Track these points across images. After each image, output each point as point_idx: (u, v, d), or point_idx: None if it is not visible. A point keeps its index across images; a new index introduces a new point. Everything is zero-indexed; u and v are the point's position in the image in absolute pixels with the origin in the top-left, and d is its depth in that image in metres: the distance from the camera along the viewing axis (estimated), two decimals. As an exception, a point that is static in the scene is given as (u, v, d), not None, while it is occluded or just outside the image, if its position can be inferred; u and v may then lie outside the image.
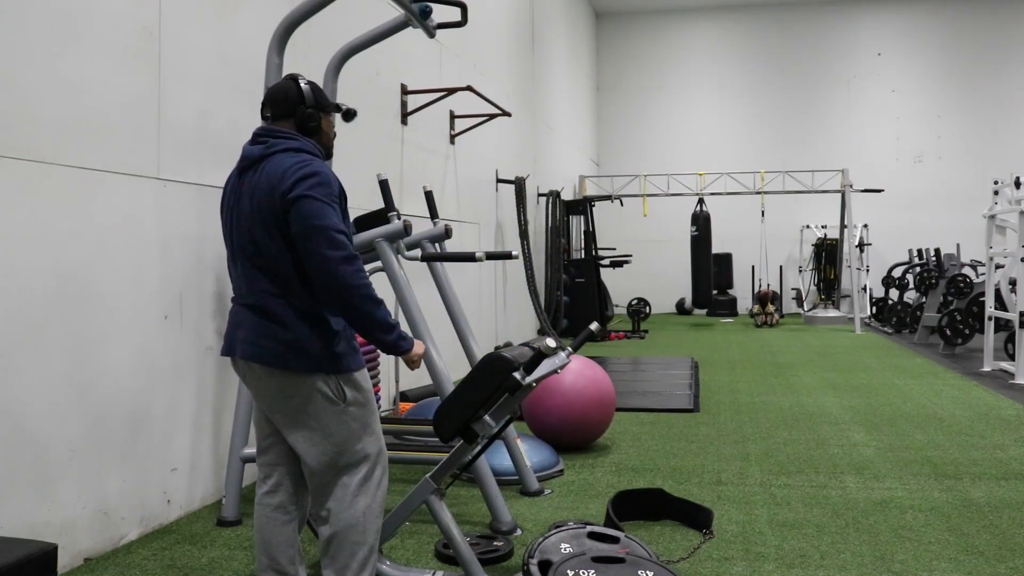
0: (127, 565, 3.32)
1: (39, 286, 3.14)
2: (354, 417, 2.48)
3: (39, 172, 3.15)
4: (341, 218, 2.37)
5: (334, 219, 2.32)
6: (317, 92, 2.56)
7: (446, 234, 4.34)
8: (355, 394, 2.48)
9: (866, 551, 3.36)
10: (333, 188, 2.39)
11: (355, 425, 2.48)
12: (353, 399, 2.47)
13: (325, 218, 2.30)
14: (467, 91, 7.28)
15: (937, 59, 16.28)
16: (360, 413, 2.49)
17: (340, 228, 2.32)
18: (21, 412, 3.06)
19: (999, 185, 8.84)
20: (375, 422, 2.54)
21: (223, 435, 4.17)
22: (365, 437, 2.50)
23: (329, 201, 2.34)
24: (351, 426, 2.47)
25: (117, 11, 3.56)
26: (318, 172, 2.36)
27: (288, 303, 2.40)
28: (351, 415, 2.47)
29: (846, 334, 12.24)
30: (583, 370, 5.04)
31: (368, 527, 2.51)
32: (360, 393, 2.49)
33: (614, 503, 3.61)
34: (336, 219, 2.33)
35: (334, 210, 2.34)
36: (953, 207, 15.82)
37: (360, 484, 2.49)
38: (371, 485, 2.51)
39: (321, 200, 2.32)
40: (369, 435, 2.51)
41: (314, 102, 2.54)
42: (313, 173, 2.35)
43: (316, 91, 2.56)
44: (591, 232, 13.06)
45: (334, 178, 2.42)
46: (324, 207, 2.32)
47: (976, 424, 5.76)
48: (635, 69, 17.22)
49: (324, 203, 2.33)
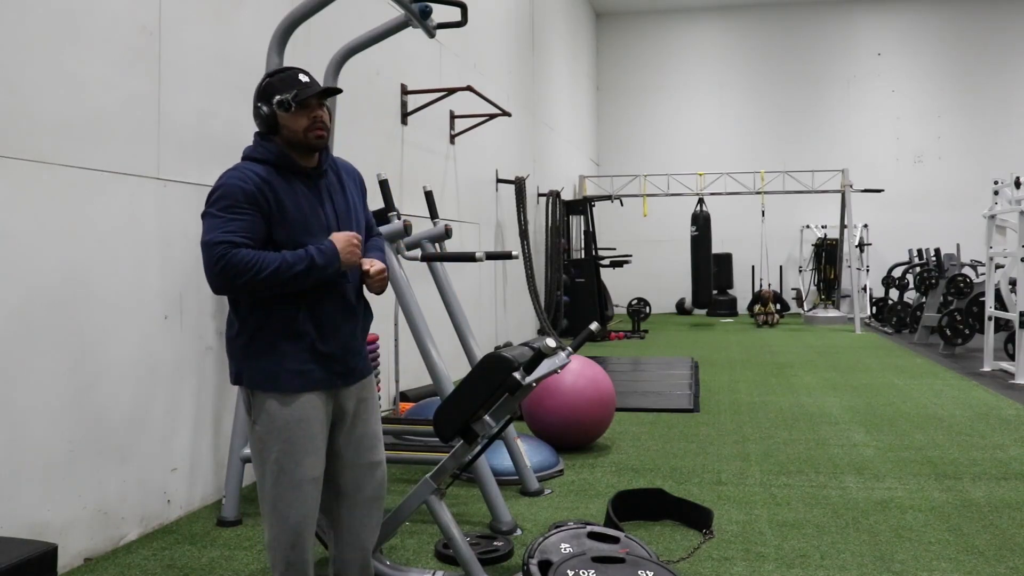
0: (127, 565, 3.32)
1: (39, 286, 3.14)
2: (259, 439, 2.34)
3: (39, 172, 3.15)
4: (231, 218, 2.22)
5: (207, 233, 2.22)
6: (271, 85, 2.36)
7: (446, 234, 4.34)
8: (259, 413, 2.34)
9: (866, 551, 3.36)
10: (227, 191, 2.25)
11: (258, 447, 2.35)
12: (256, 417, 2.35)
13: (204, 234, 2.24)
14: (467, 91, 7.28)
15: (937, 59, 16.28)
16: (263, 435, 2.33)
17: (210, 240, 2.20)
18: (21, 412, 3.06)
19: (999, 185, 8.84)
20: (282, 453, 2.31)
21: (223, 435, 4.17)
22: (265, 464, 2.33)
23: (213, 212, 2.24)
24: (256, 447, 2.36)
25: (117, 11, 3.56)
26: (218, 187, 2.28)
27: (231, 314, 2.40)
28: (256, 436, 2.35)
29: (846, 334, 12.24)
30: (583, 370, 5.03)
31: (276, 552, 2.36)
32: (265, 415, 2.32)
33: (614, 503, 3.61)
34: (211, 229, 2.22)
35: (216, 218, 2.23)
36: (953, 207, 15.82)
37: (264, 512, 2.37)
38: (273, 515, 2.34)
39: (208, 215, 2.26)
40: (270, 463, 2.32)
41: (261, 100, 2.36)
42: (214, 189, 2.29)
43: (271, 84, 2.36)
44: (591, 232, 13.06)
45: (236, 178, 2.27)
46: (207, 221, 2.25)
47: (976, 424, 5.76)
48: (635, 69, 17.22)
49: (209, 216, 2.25)
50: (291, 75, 2.39)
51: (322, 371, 2.36)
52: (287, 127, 2.34)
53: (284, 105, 2.32)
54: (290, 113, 2.33)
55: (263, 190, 2.28)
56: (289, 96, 2.32)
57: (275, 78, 2.38)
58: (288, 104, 2.31)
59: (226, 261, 2.18)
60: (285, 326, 2.32)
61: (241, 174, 2.29)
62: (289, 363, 2.32)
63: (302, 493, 2.33)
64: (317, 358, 2.35)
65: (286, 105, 2.32)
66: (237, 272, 2.19)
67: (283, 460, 2.31)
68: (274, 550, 2.37)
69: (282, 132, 2.36)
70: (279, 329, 2.32)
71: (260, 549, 3.47)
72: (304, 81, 2.36)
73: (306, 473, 2.33)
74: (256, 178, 2.29)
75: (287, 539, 2.34)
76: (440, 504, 2.93)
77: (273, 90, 2.35)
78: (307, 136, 2.35)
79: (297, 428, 2.32)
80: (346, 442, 2.47)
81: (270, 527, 2.36)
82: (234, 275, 2.19)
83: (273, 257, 2.23)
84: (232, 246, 2.19)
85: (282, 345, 2.32)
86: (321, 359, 2.35)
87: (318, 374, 2.35)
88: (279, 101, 2.32)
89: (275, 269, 2.21)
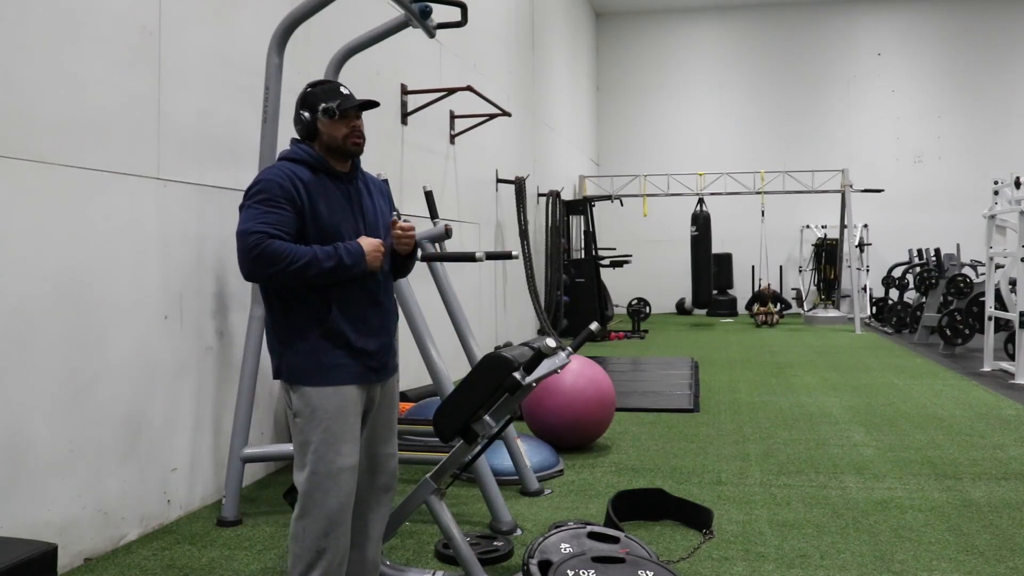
0: (127, 565, 3.32)
1: (39, 286, 3.14)
2: (300, 429, 2.46)
3: (39, 172, 3.15)
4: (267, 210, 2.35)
5: (244, 222, 2.36)
6: (314, 96, 2.53)
7: (446, 234, 4.34)
8: (300, 405, 2.45)
9: (866, 551, 3.36)
10: (265, 186, 2.40)
11: (300, 438, 2.46)
12: (298, 410, 2.46)
13: (240, 224, 2.38)
14: (467, 91, 7.28)
15: (937, 59, 16.28)
16: (304, 426, 2.44)
17: (246, 229, 2.34)
18: (21, 412, 3.06)
19: (999, 185, 8.84)
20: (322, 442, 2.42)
21: (223, 435, 4.17)
22: (306, 455, 2.44)
23: (249, 204, 2.39)
24: (297, 438, 2.47)
25: (117, 11, 3.56)
26: (257, 181, 2.44)
27: (267, 313, 2.54)
28: (297, 427, 2.47)
29: (846, 334, 12.24)
30: (583, 370, 5.03)
31: (305, 542, 2.44)
32: (307, 408, 2.44)
33: (614, 503, 3.61)
34: (248, 219, 2.36)
35: (253, 210, 2.37)
36: (953, 207, 15.82)
37: (300, 497, 2.47)
38: (309, 503, 2.44)
39: (246, 207, 2.40)
40: (309, 453, 2.43)
41: (303, 107, 2.53)
42: (253, 183, 2.45)
43: (314, 94, 2.54)
44: (591, 232, 13.06)
45: (277, 175, 2.42)
46: (245, 212, 2.40)
47: (976, 424, 5.76)
48: (635, 69, 17.22)
49: (247, 208, 2.40)
50: (334, 87, 2.56)
51: (358, 366, 2.50)
52: (328, 133, 2.51)
53: (329, 113, 2.50)
54: (332, 121, 2.50)
55: (298, 188, 2.43)
56: (334, 105, 2.50)
57: (318, 88, 2.56)
58: (333, 112, 2.49)
59: (260, 250, 2.32)
60: (320, 324, 2.45)
61: (279, 172, 2.45)
62: (327, 357, 2.45)
63: (339, 481, 2.44)
64: (353, 354, 2.48)
65: (331, 113, 2.50)
66: (271, 261, 2.32)
67: (322, 449, 2.43)
68: (302, 541, 2.45)
69: (321, 138, 2.52)
70: (314, 326, 2.46)
71: (260, 549, 3.47)
72: (345, 93, 2.55)
73: (344, 462, 2.45)
74: (293, 176, 2.44)
75: (320, 527, 2.43)
76: (440, 504, 2.93)
77: (316, 99, 2.52)
78: (346, 143, 2.53)
79: (336, 417, 2.44)
80: (368, 431, 2.63)
81: (302, 516, 2.45)
82: (267, 263, 2.32)
83: (305, 251, 2.36)
84: (267, 236, 2.33)
85: (319, 340, 2.45)
86: (356, 355, 2.49)
87: (355, 369, 2.49)
88: (324, 109, 2.50)
89: (306, 262, 2.35)
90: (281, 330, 2.49)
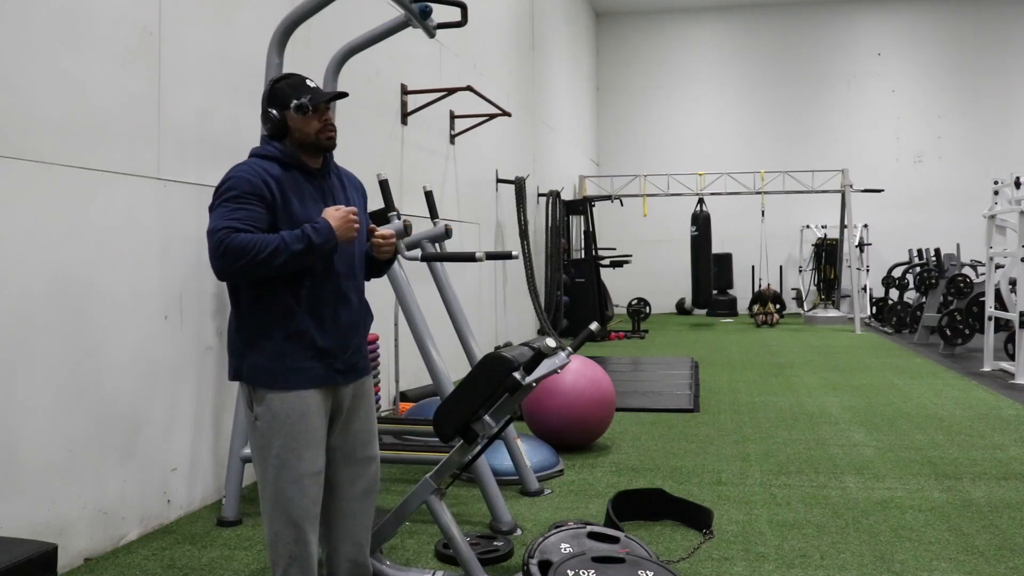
0: (127, 565, 3.32)
1: (39, 286, 3.14)
2: (260, 434, 2.39)
3: (39, 172, 3.15)
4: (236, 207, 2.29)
5: (212, 222, 2.30)
6: (281, 91, 2.45)
7: (446, 234, 4.34)
8: (260, 409, 2.38)
9: (866, 551, 3.36)
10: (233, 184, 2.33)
11: (259, 442, 2.40)
12: (258, 414, 2.39)
13: (209, 223, 2.31)
14: (467, 91, 7.28)
15: (937, 59, 16.28)
16: (265, 431, 2.38)
17: (213, 228, 2.27)
18: (22, 411, 3.06)
19: (999, 185, 8.84)
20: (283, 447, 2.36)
21: (223, 435, 4.17)
22: (267, 460, 2.38)
23: (218, 203, 2.32)
24: (257, 442, 2.41)
25: (117, 11, 3.56)
26: (226, 179, 2.36)
27: (231, 312, 2.47)
28: (257, 431, 2.40)
29: (846, 334, 12.24)
30: (583, 370, 5.03)
31: (277, 548, 2.40)
32: (268, 412, 2.37)
33: (614, 503, 3.61)
34: (216, 218, 2.29)
35: (221, 208, 2.31)
36: (953, 207, 15.82)
37: (265, 507, 2.42)
38: (275, 510, 2.38)
39: (215, 206, 2.34)
40: (271, 458, 2.37)
41: (270, 104, 2.45)
42: (221, 182, 2.37)
43: (281, 89, 2.45)
44: (591, 232, 13.06)
45: (246, 171, 2.36)
46: (214, 211, 2.33)
47: (976, 424, 5.76)
48: (635, 69, 17.22)
49: (216, 207, 2.33)
50: (299, 80, 2.48)
51: (322, 368, 2.41)
52: (300, 129, 2.44)
53: (302, 109, 2.42)
54: (304, 116, 2.43)
55: (268, 184, 2.36)
56: (306, 100, 2.42)
57: (284, 83, 2.47)
58: (306, 108, 2.41)
59: (226, 245, 2.24)
60: (286, 323, 2.38)
61: (248, 168, 2.39)
62: (290, 360, 2.38)
63: (303, 487, 2.38)
64: (317, 355, 2.40)
65: (304, 109, 2.42)
66: (238, 254, 2.24)
67: (284, 454, 2.37)
68: (275, 546, 2.40)
69: (293, 135, 2.45)
70: (280, 326, 2.38)
71: (260, 549, 3.47)
72: (313, 87, 2.47)
73: (307, 467, 2.38)
74: (263, 172, 2.38)
75: (290, 534, 2.38)
76: (440, 504, 2.93)
77: (284, 95, 2.44)
78: (319, 138, 2.46)
79: (299, 423, 2.37)
80: (342, 438, 2.54)
81: (271, 523, 2.40)
82: (235, 257, 2.24)
83: (272, 238, 2.29)
84: (233, 231, 2.26)
85: (283, 342, 2.38)
86: (321, 356, 2.41)
87: (319, 371, 2.41)
88: (297, 105, 2.42)
89: (274, 249, 2.27)
90: (245, 330, 2.40)
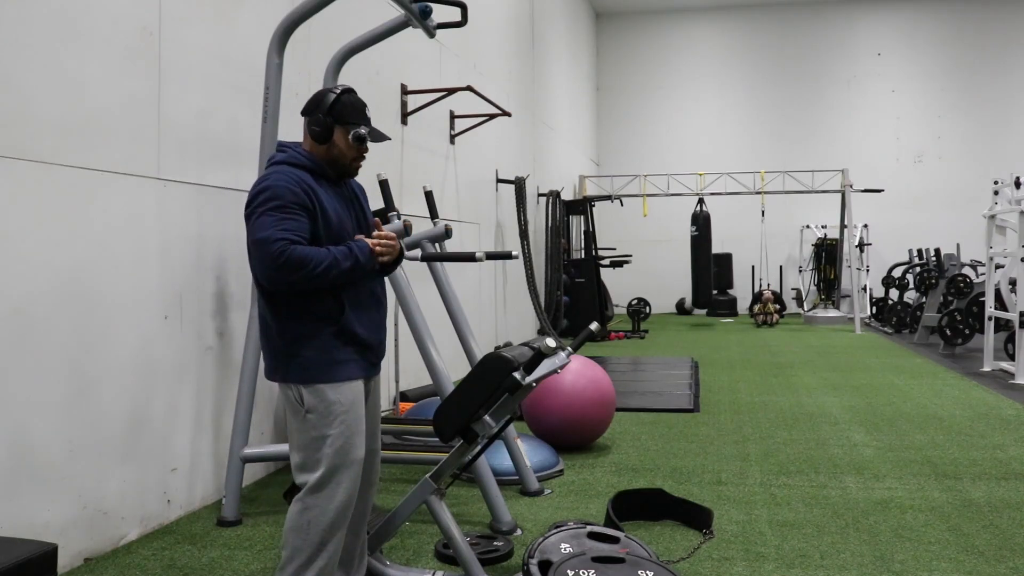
0: (127, 565, 3.32)
1: (39, 286, 3.14)
2: (312, 426, 2.48)
3: (39, 172, 3.15)
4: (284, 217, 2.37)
5: (263, 230, 2.36)
6: (344, 106, 2.55)
7: (446, 234, 4.34)
8: (314, 403, 2.48)
9: (866, 551, 3.36)
10: (276, 193, 2.40)
11: (312, 434, 2.49)
12: (311, 407, 2.48)
13: (255, 232, 2.38)
14: (467, 91, 7.28)
15: (937, 59, 16.28)
16: (318, 423, 2.48)
17: (267, 237, 2.34)
18: (21, 412, 3.06)
19: (999, 185, 8.84)
20: (339, 436, 2.48)
21: (223, 435, 4.17)
22: (320, 450, 2.48)
23: (263, 211, 2.39)
24: (309, 434, 2.49)
25: (117, 11, 3.56)
26: (266, 188, 2.43)
27: (270, 316, 2.52)
28: (309, 423, 2.49)
29: (846, 334, 12.24)
30: (583, 370, 5.03)
31: (308, 535, 2.48)
32: (321, 403, 2.48)
33: (614, 503, 3.61)
34: (267, 227, 2.36)
35: (268, 216, 2.37)
36: (953, 207, 15.82)
37: (309, 491, 2.49)
38: (320, 496, 2.48)
39: (259, 214, 2.40)
40: (325, 447, 2.48)
41: (330, 112, 2.54)
42: (261, 190, 2.43)
43: (343, 104, 2.55)
44: (591, 232, 13.06)
45: (286, 181, 2.43)
46: (259, 220, 2.39)
47: (976, 424, 5.76)
48: (635, 69, 17.22)
49: (260, 215, 2.39)
50: (360, 106, 2.60)
51: (363, 360, 2.58)
52: (341, 150, 2.57)
53: (360, 139, 2.55)
54: (351, 141, 2.56)
55: (308, 194, 2.46)
56: (365, 132, 2.56)
57: (347, 99, 2.58)
58: (363, 139, 2.56)
59: (286, 257, 2.33)
60: (333, 323, 2.50)
61: (287, 178, 2.46)
62: (340, 354, 2.51)
63: (353, 473, 2.52)
64: (360, 350, 2.56)
65: (361, 139, 2.55)
66: (297, 266, 2.34)
67: (339, 443, 2.49)
68: (304, 534, 2.48)
69: (331, 149, 2.56)
70: (328, 325, 2.49)
71: (260, 549, 3.47)
72: (369, 117, 2.62)
73: (357, 453, 2.53)
74: (301, 181, 2.47)
75: (328, 519, 2.48)
76: (440, 504, 2.93)
77: (344, 113, 2.55)
78: (352, 165, 2.61)
79: (352, 411, 2.52)
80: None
81: (309, 509, 2.48)
82: (293, 269, 2.34)
83: (324, 253, 2.40)
84: (290, 243, 2.35)
85: (332, 339, 2.50)
86: (362, 349, 2.57)
87: (361, 363, 2.58)
88: (356, 136, 2.54)
89: (328, 264, 2.38)
90: (290, 332, 2.49)
